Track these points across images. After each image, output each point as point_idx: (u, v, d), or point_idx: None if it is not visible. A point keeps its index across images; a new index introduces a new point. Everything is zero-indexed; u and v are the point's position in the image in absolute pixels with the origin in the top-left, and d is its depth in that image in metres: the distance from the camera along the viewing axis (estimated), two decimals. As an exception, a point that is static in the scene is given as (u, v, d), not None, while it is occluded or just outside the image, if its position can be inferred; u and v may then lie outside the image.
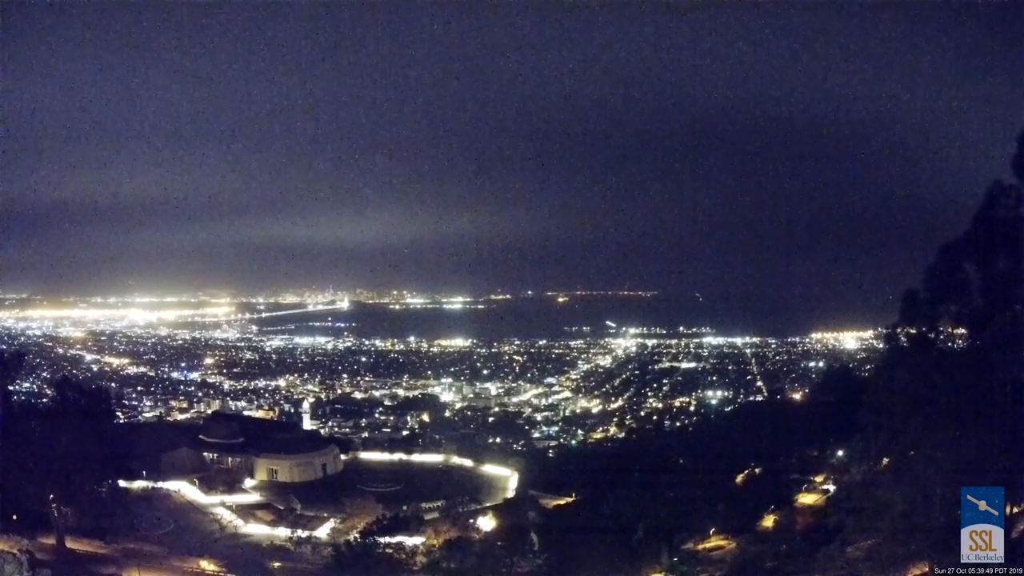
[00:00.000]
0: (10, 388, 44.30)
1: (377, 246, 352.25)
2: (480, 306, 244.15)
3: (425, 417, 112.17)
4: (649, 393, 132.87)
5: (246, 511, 51.86)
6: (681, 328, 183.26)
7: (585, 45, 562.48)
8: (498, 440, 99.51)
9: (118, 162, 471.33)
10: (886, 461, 22.97)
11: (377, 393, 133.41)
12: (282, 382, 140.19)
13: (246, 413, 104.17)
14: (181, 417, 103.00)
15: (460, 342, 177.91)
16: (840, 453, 41.07)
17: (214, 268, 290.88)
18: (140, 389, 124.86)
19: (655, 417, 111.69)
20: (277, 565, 40.32)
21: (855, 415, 22.83)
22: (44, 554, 33.16)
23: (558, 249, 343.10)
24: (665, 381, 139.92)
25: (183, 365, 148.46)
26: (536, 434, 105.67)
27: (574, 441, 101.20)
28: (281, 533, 47.81)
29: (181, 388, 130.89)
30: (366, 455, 73.49)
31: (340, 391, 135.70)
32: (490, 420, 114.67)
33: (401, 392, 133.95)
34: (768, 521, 39.10)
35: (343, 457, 67.86)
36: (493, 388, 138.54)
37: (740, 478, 48.62)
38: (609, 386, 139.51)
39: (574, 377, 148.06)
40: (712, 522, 39.87)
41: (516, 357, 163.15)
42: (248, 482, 59.72)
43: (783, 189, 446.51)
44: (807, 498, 42.56)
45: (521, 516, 49.10)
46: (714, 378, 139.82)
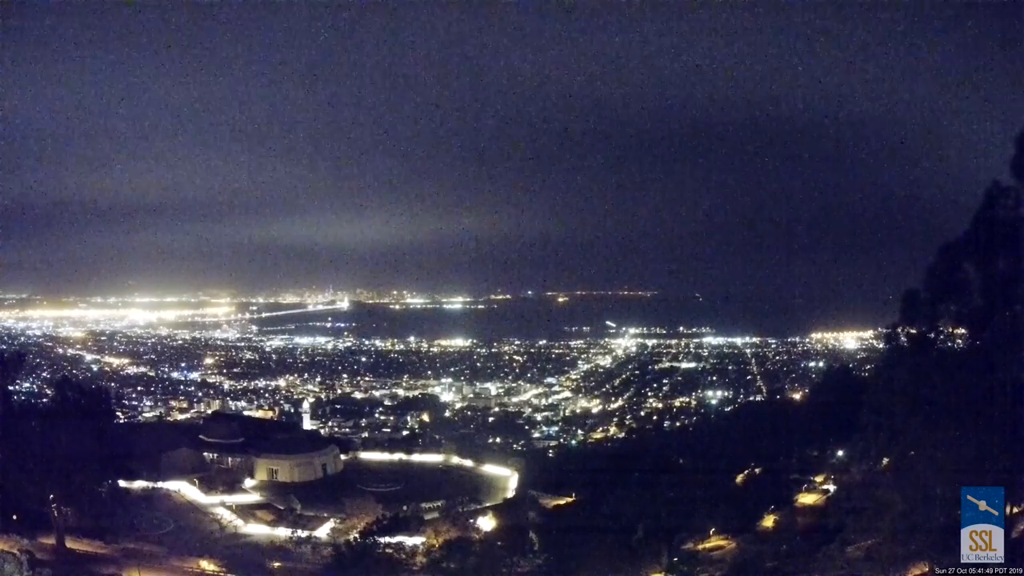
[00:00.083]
0: (10, 388, 44.30)
1: (377, 246, 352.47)
2: (480, 306, 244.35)
3: (425, 417, 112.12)
4: (649, 393, 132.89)
5: (246, 511, 51.85)
6: (681, 328, 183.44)
7: (585, 44, 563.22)
8: (498, 440, 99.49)
9: (118, 162, 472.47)
10: (886, 461, 22.96)
11: (377, 393, 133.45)
12: (282, 382, 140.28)
13: (246, 413, 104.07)
14: (181, 417, 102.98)
15: (460, 342, 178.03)
16: (840, 453, 41.18)
17: (214, 268, 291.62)
18: (140, 389, 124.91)
19: (655, 417, 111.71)
20: (277, 565, 40.31)
21: (855, 415, 22.82)
22: (44, 554, 33.16)
23: (558, 249, 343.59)
24: (665, 381, 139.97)
25: (183, 365, 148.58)
26: (536, 434, 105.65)
27: (574, 441, 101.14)
28: (281, 533, 47.76)
29: (181, 388, 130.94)
30: (366, 455, 73.44)
31: (340, 391, 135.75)
32: (490, 420, 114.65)
33: (401, 392, 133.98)
34: (768, 521, 39.13)
35: (343, 457, 67.83)
36: (493, 388, 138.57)
37: (740, 478, 48.61)
38: (609, 386, 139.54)
39: (574, 377, 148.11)
40: (712, 522, 39.86)
41: (516, 357, 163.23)
42: (248, 482, 59.73)
43: (783, 189, 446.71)
44: (807, 498, 42.64)
45: (521, 516, 49.05)
46: (714, 378, 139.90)
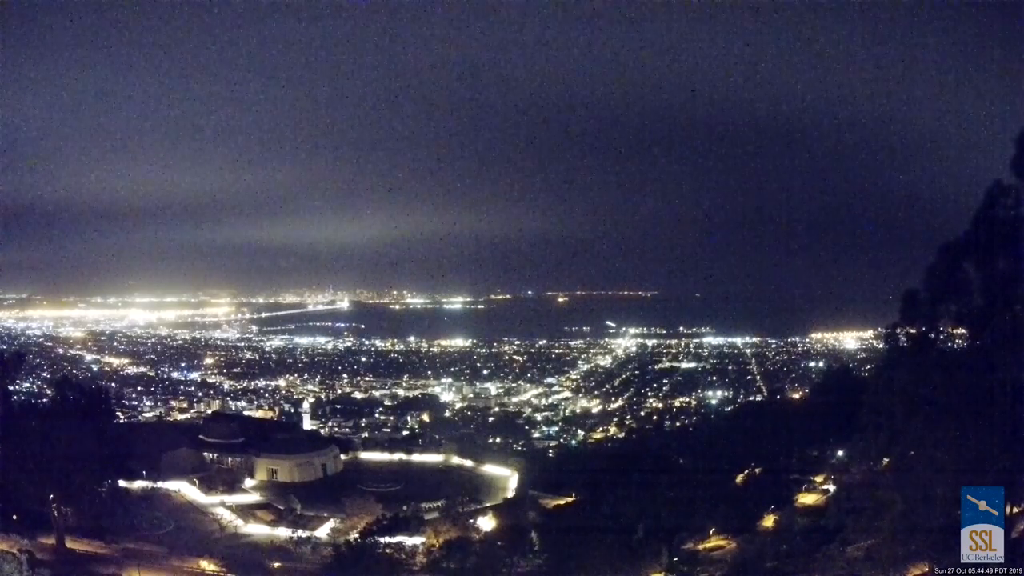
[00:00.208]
0: (10, 388, 44.31)
1: (377, 246, 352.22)
2: (480, 306, 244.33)
3: (425, 417, 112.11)
4: (649, 393, 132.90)
5: (246, 511, 51.84)
6: (681, 328, 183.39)
7: (585, 44, 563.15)
8: (498, 440, 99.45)
9: (118, 162, 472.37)
10: (886, 461, 22.96)
11: (377, 393, 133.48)
12: (282, 382, 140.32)
13: (246, 413, 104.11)
14: (181, 417, 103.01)
15: (460, 342, 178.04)
16: (840, 453, 41.21)
17: (214, 268, 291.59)
18: (140, 389, 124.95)
19: (655, 417, 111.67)
20: (277, 565, 40.31)
21: (855, 415, 22.83)
22: (44, 554, 33.19)
23: (558, 249, 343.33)
24: (665, 381, 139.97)
25: (183, 365, 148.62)
26: (536, 434, 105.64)
27: (574, 441, 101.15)
28: (281, 533, 47.76)
29: (181, 388, 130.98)
30: (366, 455, 73.39)
31: (340, 391, 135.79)
32: (490, 420, 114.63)
33: (401, 392, 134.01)
34: (768, 521, 39.12)
35: (343, 457, 67.82)
36: (493, 388, 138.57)
37: (740, 478, 48.60)
38: (609, 386, 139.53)
39: (574, 377, 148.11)
40: (712, 522, 39.87)
41: (516, 357, 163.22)
42: (248, 482, 59.73)
43: (783, 189, 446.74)
44: (807, 498, 42.64)
45: (521, 516, 49.03)
46: (714, 378, 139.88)
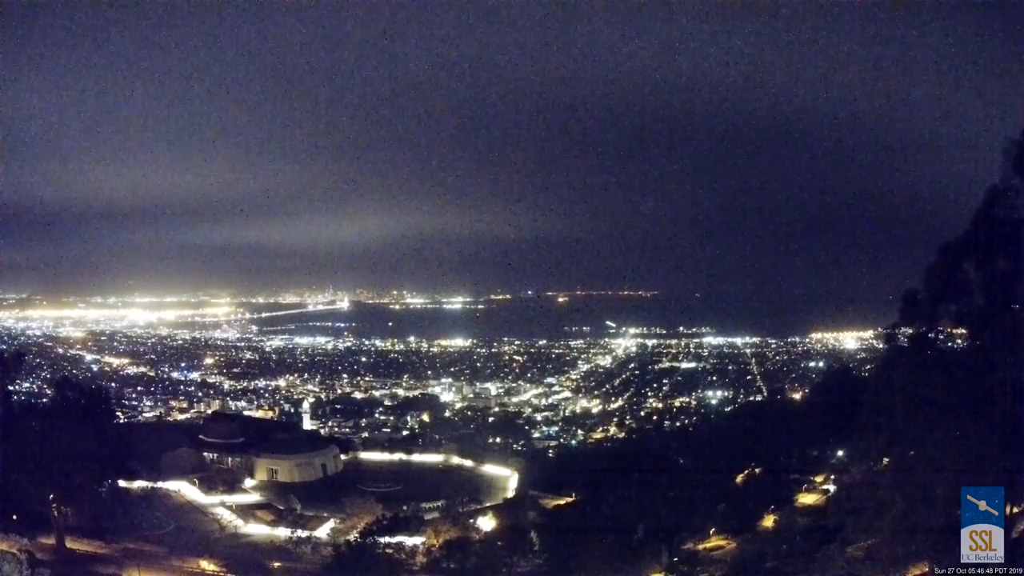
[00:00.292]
0: (10, 388, 44.32)
1: (377, 246, 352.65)
2: (480, 306, 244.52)
3: (425, 417, 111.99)
4: (649, 393, 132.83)
5: (246, 511, 51.83)
6: (681, 328, 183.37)
7: (585, 45, 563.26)
8: (498, 440, 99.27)
9: (118, 162, 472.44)
10: (886, 461, 22.98)
11: (377, 393, 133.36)
12: (282, 382, 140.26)
13: (246, 413, 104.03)
14: (181, 417, 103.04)
15: (460, 342, 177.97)
16: (840, 453, 41.22)
17: (214, 268, 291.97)
18: (140, 389, 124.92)
19: (655, 417, 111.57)
20: (277, 565, 40.26)
21: (855, 415, 22.85)
22: (44, 554, 33.17)
23: (558, 249, 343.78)
24: (665, 381, 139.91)
25: (183, 365, 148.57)
26: (536, 434, 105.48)
27: (574, 441, 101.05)
28: (281, 533, 47.72)
29: (181, 388, 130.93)
30: (366, 455, 73.39)
31: (340, 391, 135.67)
32: (490, 420, 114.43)
33: (401, 392, 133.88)
34: (768, 521, 39.13)
35: (343, 457, 67.83)
36: (493, 388, 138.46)
37: (740, 478, 48.62)
38: (609, 386, 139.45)
39: (574, 377, 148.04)
40: (712, 522, 39.91)
41: (516, 357, 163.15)
42: (248, 482, 59.72)
43: (783, 189, 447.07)
44: (807, 498, 42.64)
45: (521, 516, 49.00)
46: (714, 378, 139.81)
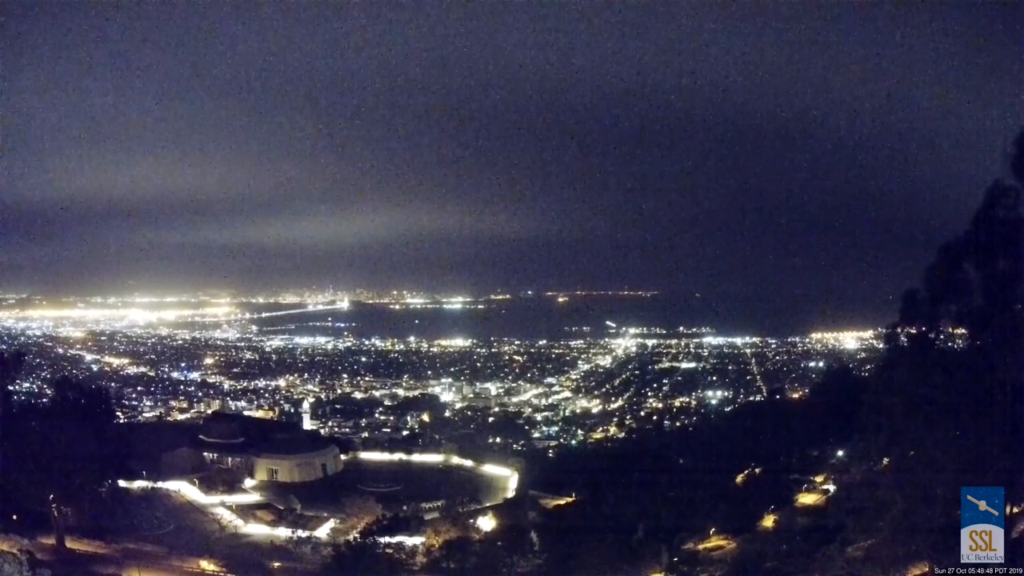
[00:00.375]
0: (10, 388, 44.31)
1: (377, 246, 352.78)
2: (480, 306, 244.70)
3: (425, 417, 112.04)
4: (649, 393, 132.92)
5: (246, 511, 51.79)
6: (681, 328, 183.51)
7: (585, 44, 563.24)
8: (498, 440, 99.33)
9: (118, 162, 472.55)
10: (886, 461, 22.98)
11: (377, 393, 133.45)
12: (282, 382, 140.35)
13: (246, 413, 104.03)
14: (181, 417, 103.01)
15: (460, 342, 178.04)
16: (840, 453, 41.18)
17: (214, 268, 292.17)
18: (140, 389, 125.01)
19: (655, 417, 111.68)
20: (277, 565, 40.27)
21: (855, 415, 22.85)
22: (44, 554, 33.16)
23: (558, 249, 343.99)
24: (665, 381, 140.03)
25: (183, 365, 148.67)
26: (536, 434, 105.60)
27: (574, 441, 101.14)
28: (281, 533, 47.69)
29: (181, 388, 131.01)
30: (366, 455, 73.33)
31: (340, 391, 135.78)
32: (490, 420, 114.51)
33: (401, 392, 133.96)
34: (768, 521, 39.14)
35: (343, 457, 67.77)
36: (493, 388, 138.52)
37: (740, 478, 48.63)
38: (609, 386, 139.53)
39: (574, 377, 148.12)
40: (712, 522, 39.91)
41: (516, 357, 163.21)
42: (248, 482, 59.67)
43: (783, 189, 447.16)
44: (807, 498, 42.66)
45: (521, 516, 49.01)
46: (714, 378, 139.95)
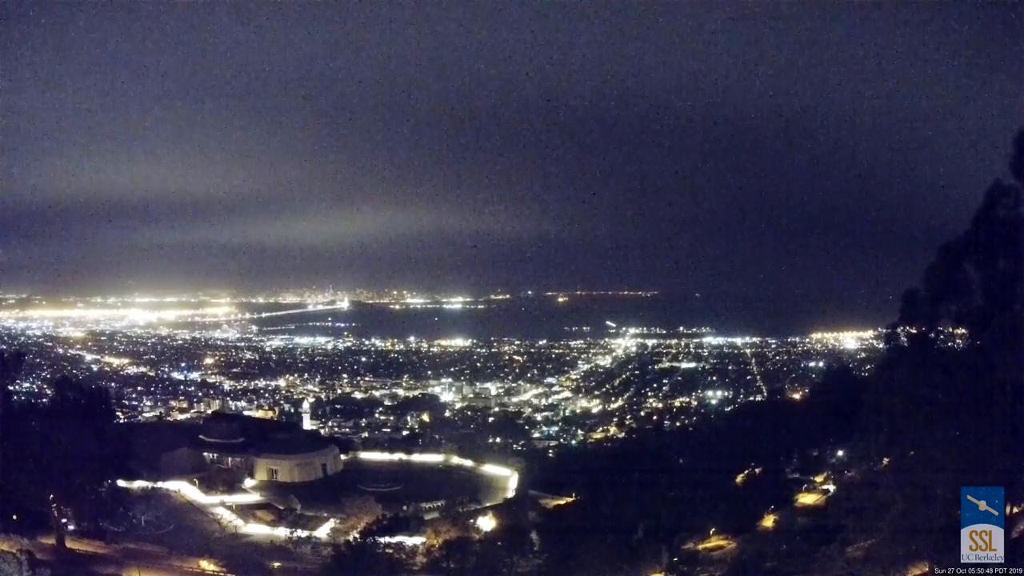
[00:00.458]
0: (10, 388, 44.31)
1: (377, 246, 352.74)
2: (480, 306, 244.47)
3: (425, 417, 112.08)
4: (649, 393, 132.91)
5: (246, 511, 51.80)
6: (681, 328, 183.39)
7: (585, 44, 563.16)
8: (498, 440, 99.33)
9: (118, 162, 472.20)
10: (886, 461, 22.99)
11: (377, 393, 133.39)
12: (282, 382, 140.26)
13: (246, 413, 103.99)
14: (181, 417, 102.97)
15: (460, 342, 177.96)
16: (840, 453, 41.28)
17: (214, 268, 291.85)
18: (140, 389, 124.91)
19: (655, 417, 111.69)
20: (277, 565, 40.30)
21: (855, 415, 22.86)
22: (44, 554, 33.15)
23: (558, 249, 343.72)
24: (665, 381, 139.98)
25: (183, 365, 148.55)
26: (536, 434, 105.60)
27: (574, 441, 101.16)
28: (281, 533, 47.72)
29: (181, 388, 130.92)
30: (366, 455, 73.32)
31: (340, 391, 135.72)
32: (490, 420, 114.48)
33: (401, 392, 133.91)
34: (768, 521, 39.15)
35: (343, 457, 67.74)
36: (493, 388, 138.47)
37: (740, 478, 48.62)
38: (609, 386, 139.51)
39: (574, 377, 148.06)
40: (712, 522, 39.91)
41: (516, 357, 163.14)
42: (248, 482, 59.65)
43: (783, 189, 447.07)
44: (807, 498, 42.69)
45: (521, 516, 49.06)
46: (714, 378, 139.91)
